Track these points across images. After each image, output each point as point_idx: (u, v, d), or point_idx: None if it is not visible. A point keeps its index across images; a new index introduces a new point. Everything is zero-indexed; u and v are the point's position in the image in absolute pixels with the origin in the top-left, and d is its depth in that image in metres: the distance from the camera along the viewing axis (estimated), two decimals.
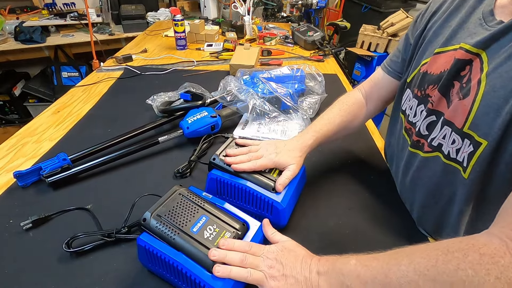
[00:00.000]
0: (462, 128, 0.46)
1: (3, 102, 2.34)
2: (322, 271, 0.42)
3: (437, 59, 0.53)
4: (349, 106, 0.72)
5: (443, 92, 0.51)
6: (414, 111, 0.58)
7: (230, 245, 0.45)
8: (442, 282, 0.33)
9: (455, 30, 0.51)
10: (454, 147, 0.48)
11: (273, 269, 0.43)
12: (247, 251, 0.45)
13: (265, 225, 0.52)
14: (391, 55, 0.70)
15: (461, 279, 0.32)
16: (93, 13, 2.29)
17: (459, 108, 0.47)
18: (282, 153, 0.61)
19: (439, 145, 0.52)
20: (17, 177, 0.66)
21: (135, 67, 1.30)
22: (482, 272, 0.31)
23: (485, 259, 0.32)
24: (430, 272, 0.34)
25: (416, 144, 0.57)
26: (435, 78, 0.53)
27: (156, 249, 0.45)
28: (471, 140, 0.45)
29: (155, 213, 0.47)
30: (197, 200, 0.50)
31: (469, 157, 0.46)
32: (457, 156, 0.48)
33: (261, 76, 0.98)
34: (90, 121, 0.93)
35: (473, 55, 0.46)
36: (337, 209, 0.64)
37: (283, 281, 0.42)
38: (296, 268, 0.43)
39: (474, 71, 0.46)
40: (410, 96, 0.60)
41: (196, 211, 0.49)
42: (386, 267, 0.38)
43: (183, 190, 0.51)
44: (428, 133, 0.54)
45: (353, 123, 0.72)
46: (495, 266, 0.31)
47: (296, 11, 2.14)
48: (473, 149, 0.45)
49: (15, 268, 0.51)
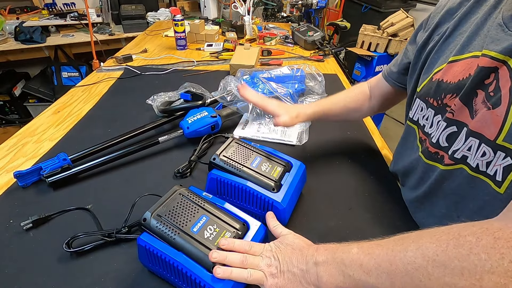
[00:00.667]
0: (495, 140, 0.44)
1: (3, 102, 2.34)
2: (321, 260, 0.41)
3: (452, 67, 0.51)
4: (356, 94, 0.76)
5: (465, 102, 0.48)
6: (431, 122, 0.56)
7: (230, 244, 0.45)
8: (452, 267, 0.32)
9: (470, 37, 0.49)
10: (484, 159, 0.46)
11: (271, 267, 0.43)
12: (247, 251, 0.45)
13: (269, 217, 0.52)
14: (392, 63, 0.72)
15: (473, 263, 0.31)
16: (93, 13, 2.29)
17: (489, 118, 0.44)
18: (281, 106, 0.67)
19: (463, 157, 0.49)
20: (17, 177, 0.66)
21: (135, 67, 1.30)
22: (496, 256, 0.30)
23: (500, 243, 0.31)
24: (439, 258, 0.33)
25: (433, 156, 0.55)
26: (453, 87, 0.50)
27: (157, 249, 0.45)
28: (507, 152, 0.43)
29: (155, 213, 0.47)
30: (197, 200, 0.50)
31: (505, 170, 0.43)
32: (487, 170, 0.46)
33: (261, 76, 0.98)
34: (90, 121, 0.93)
35: (499, 63, 0.43)
36: (337, 209, 0.64)
37: (281, 278, 0.42)
38: (292, 262, 0.43)
39: (502, 79, 0.43)
40: (423, 106, 0.58)
41: (196, 211, 0.49)
42: (391, 254, 0.36)
43: (183, 190, 0.51)
44: (448, 145, 0.51)
45: (356, 111, 0.76)
46: (510, 250, 0.30)
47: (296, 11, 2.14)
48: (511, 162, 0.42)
49: (15, 268, 0.51)
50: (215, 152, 0.62)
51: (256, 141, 0.83)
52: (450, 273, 0.32)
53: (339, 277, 0.39)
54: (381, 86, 0.73)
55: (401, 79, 0.68)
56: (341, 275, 0.39)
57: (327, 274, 0.40)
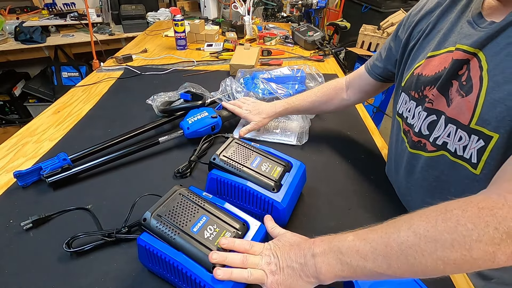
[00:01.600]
0: (468, 124, 0.47)
1: (3, 102, 2.34)
2: (318, 252, 0.41)
3: (430, 62, 0.56)
4: (327, 89, 0.84)
5: (442, 92, 0.53)
6: (413, 113, 0.60)
7: (231, 244, 0.45)
8: (443, 240, 0.34)
9: (446, 34, 0.54)
10: (461, 144, 0.50)
11: (271, 265, 0.43)
12: (248, 250, 0.45)
13: (266, 219, 0.53)
14: (374, 58, 0.76)
15: (461, 234, 0.33)
16: (93, 13, 2.29)
17: (463, 105, 0.48)
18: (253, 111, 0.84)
19: (444, 143, 0.53)
20: (17, 177, 0.66)
21: (135, 67, 1.30)
22: (481, 225, 0.32)
23: (484, 212, 0.33)
24: (430, 233, 0.35)
25: (417, 144, 0.58)
26: (430, 79, 0.55)
27: (157, 249, 0.45)
28: (479, 135, 0.46)
29: (155, 213, 0.47)
30: (197, 200, 0.50)
31: (478, 152, 0.47)
32: (464, 153, 0.49)
33: (261, 76, 0.98)
34: (90, 121, 0.93)
35: (470, 55, 0.48)
36: (337, 209, 0.64)
37: (281, 274, 0.42)
38: (290, 257, 0.43)
39: (473, 70, 0.48)
40: (406, 99, 0.62)
41: (196, 211, 0.49)
42: (385, 236, 0.38)
43: (183, 190, 0.51)
44: (429, 132, 0.55)
45: (327, 104, 0.83)
46: (494, 217, 0.32)
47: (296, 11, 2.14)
48: (484, 144, 0.46)
49: (15, 268, 0.51)
50: (215, 152, 0.62)
51: (256, 141, 0.83)
52: (441, 247, 0.34)
53: (337, 265, 0.40)
54: (363, 79, 0.78)
55: (385, 73, 0.73)
56: (338, 264, 0.40)
57: (325, 264, 0.40)
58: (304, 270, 0.41)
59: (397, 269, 0.36)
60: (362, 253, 0.38)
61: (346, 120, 0.95)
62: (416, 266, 0.35)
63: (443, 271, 0.35)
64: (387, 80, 0.74)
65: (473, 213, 0.34)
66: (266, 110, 0.83)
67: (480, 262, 0.33)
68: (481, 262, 0.33)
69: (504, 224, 0.32)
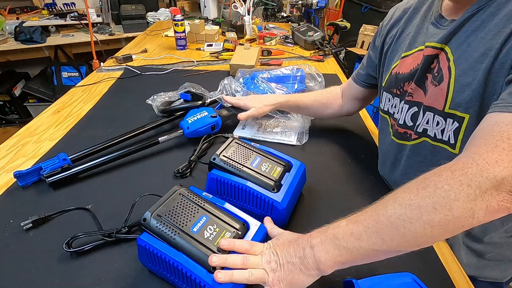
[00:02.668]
0: (443, 109, 0.54)
1: (3, 102, 2.34)
2: (315, 243, 0.42)
3: (404, 61, 0.63)
4: (327, 93, 0.88)
5: (418, 84, 0.59)
6: (398, 108, 0.66)
7: (231, 244, 0.45)
8: (425, 205, 0.37)
9: (414, 36, 0.62)
10: (439, 128, 0.56)
11: (271, 263, 0.44)
12: (248, 250, 0.45)
13: (266, 221, 0.54)
14: (359, 68, 0.83)
15: (440, 196, 0.36)
16: (93, 13, 2.29)
17: (437, 93, 0.55)
18: (253, 100, 0.83)
19: (424, 130, 0.59)
20: (17, 177, 0.66)
21: (135, 67, 1.30)
22: (456, 185, 0.36)
23: (456, 173, 0.37)
24: (413, 201, 0.38)
25: (403, 135, 0.64)
26: (407, 76, 0.62)
27: (157, 249, 0.45)
28: (454, 118, 0.53)
29: (155, 213, 0.47)
30: (197, 200, 0.50)
31: (454, 133, 0.54)
32: (443, 136, 0.56)
33: (261, 76, 0.98)
34: (90, 121, 0.93)
35: (438, 50, 0.56)
36: (337, 209, 0.64)
37: (281, 271, 0.43)
38: (289, 253, 0.44)
39: (442, 62, 0.55)
40: (389, 97, 0.68)
41: (196, 211, 0.49)
42: (375, 214, 0.40)
43: (183, 190, 0.51)
44: (413, 123, 0.61)
45: (326, 108, 0.86)
46: (465, 176, 0.36)
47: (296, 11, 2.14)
48: (458, 125, 0.53)
49: (15, 268, 0.51)
50: (215, 152, 0.62)
51: (256, 141, 0.83)
52: (426, 211, 0.37)
53: (334, 251, 0.41)
54: (352, 88, 0.84)
55: (369, 79, 0.79)
56: (336, 249, 0.41)
57: (323, 252, 0.41)
58: (304, 263, 0.42)
59: (391, 242, 0.38)
60: (356, 234, 0.40)
61: (346, 120, 0.95)
62: (407, 235, 0.38)
63: (431, 235, 0.37)
64: (372, 86, 0.80)
65: (447, 176, 0.37)
66: (267, 98, 0.85)
67: (462, 219, 0.36)
68: (463, 219, 0.36)
69: (475, 180, 0.35)
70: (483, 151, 0.37)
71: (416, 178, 0.40)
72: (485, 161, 0.36)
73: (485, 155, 0.37)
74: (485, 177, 0.35)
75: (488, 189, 0.35)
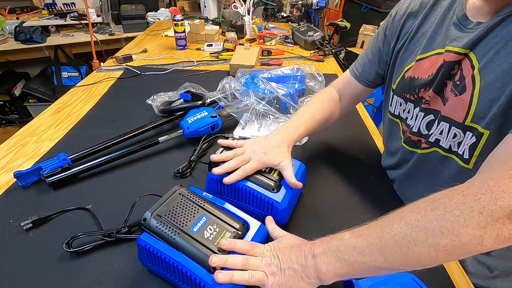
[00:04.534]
0: (463, 122, 0.50)
1: (3, 102, 2.34)
2: (318, 252, 0.42)
3: (420, 64, 0.58)
4: (327, 103, 0.74)
5: (437, 92, 0.55)
6: (412, 114, 0.62)
7: (231, 244, 0.45)
8: (432, 228, 0.35)
9: (432, 37, 0.56)
10: (455, 140, 0.52)
11: (271, 266, 0.43)
12: (249, 251, 0.45)
13: (267, 220, 0.54)
14: (361, 63, 0.73)
15: (449, 220, 0.35)
16: (93, 13, 2.29)
17: (457, 104, 0.51)
18: (270, 150, 0.59)
19: (436, 140, 0.56)
20: (17, 177, 0.66)
21: (135, 67, 1.30)
22: (466, 211, 0.34)
23: (468, 198, 0.35)
24: (420, 222, 0.36)
25: (415, 143, 0.61)
26: (424, 82, 0.57)
27: (157, 249, 0.45)
28: (473, 132, 0.49)
29: (155, 213, 0.47)
30: (197, 200, 0.50)
31: (470, 148, 0.50)
32: (458, 149, 0.53)
33: (261, 76, 0.98)
34: (90, 121, 0.93)
35: (462, 56, 0.50)
36: (337, 209, 0.64)
37: (282, 275, 0.42)
38: (291, 259, 0.43)
39: (465, 69, 0.50)
40: (401, 101, 0.64)
41: (196, 211, 0.48)
42: (380, 231, 0.39)
43: (183, 190, 0.51)
44: (428, 132, 0.58)
45: (331, 118, 0.75)
46: (477, 202, 0.34)
47: (296, 11, 2.14)
48: (476, 140, 0.49)
49: (15, 268, 0.51)
50: (215, 152, 0.62)
51: None
52: (432, 234, 0.35)
53: (336, 263, 0.40)
54: (353, 87, 0.74)
55: (378, 79, 0.71)
56: (338, 262, 0.40)
57: (325, 264, 0.41)
58: (305, 271, 0.42)
59: (393, 260, 0.37)
60: (359, 248, 0.39)
61: (346, 120, 0.95)
62: (410, 255, 0.36)
63: (435, 258, 0.36)
64: (378, 85, 0.73)
65: (459, 200, 0.35)
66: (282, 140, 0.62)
67: (469, 246, 0.34)
68: (470, 246, 0.34)
69: (487, 208, 0.33)
70: (500, 177, 0.35)
71: (426, 197, 0.39)
72: (501, 189, 0.34)
73: (501, 181, 0.35)
74: (499, 205, 0.33)
75: (501, 218, 0.33)
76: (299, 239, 0.48)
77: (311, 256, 0.42)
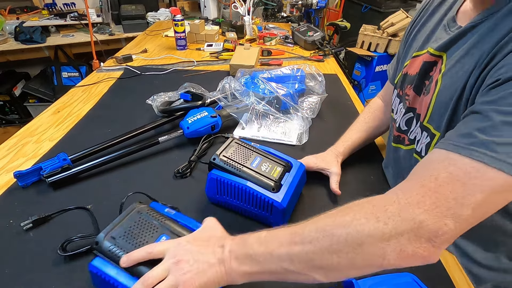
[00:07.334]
0: (423, 121, 0.53)
1: (3, 102, 2.34)
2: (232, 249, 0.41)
3: (414, 61, 0.59)
4: (372, 113, 0.78)
5: (416, 91, 0.57)
6: (397, 109, 0.64)
7: (129, 260, 0.41)
8: (339, 235, 0.35)
9: (428, 36, 0.57)
10: (417, 138, 0.55)
11: (181, 264, 0.40)
12: (145, 257, 0.42)
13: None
14: (392, 64, 0.74)
15: (355, 229, 0.35)
16: (93, 13, 2.29)
17: (423, 103, 0.53)
18: (321, 158, 0.69)
19: (415, 138, 0.57)
20: (17, 177, 0.66)
21: (135, 67, 1.30)
22: (373, 220, 0.34)
23: (377, 208, 0.35)
24: (329, 227, 0.36)
25: (397, 139, 0.63)
26: (410, 79, 0.59)
27: (109, 276, 0.41)
28: (428, 132, 0.51)
29: (109, 235, 0.44)
30: (157, 217, 0.47)
31: (426, 148, 0.52)
32: (416, 147, 0.55)
33: (261, 76, 0.98)
34: (90, 121, 0.93)
35: (437, 57, 0.51)
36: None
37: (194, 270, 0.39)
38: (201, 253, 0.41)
39: (436, 71, 0.51)
40: (395, 97, 0.66)
41: (155, 231, 0.45)
42: (293, 231, 0.39)
43: (142, 208, 0.49)
44: (407, 128, 0.60)
45: (381, 126, 0.77)
46: (384, 213, 0.34)
47: (296, 11, 2.14)
48: (430, 140, 0.51)
49: (15, 268, 0.51)
50: (215, 152, 0.62)
51: (256, 141, 0.83)
52: (337, 241, 0.35)
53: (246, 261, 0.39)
54: (391, 92, 0.73)
55: None
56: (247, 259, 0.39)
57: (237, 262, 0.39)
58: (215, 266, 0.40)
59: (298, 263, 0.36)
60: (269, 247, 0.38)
61: (346, 120, 0.95)
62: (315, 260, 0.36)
63: (337, 266, 0.35)
64: None
65: (368, 209, 0.36)
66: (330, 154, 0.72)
67: (370, 257, 0.34)
68: (371, 257, 0.34)
69: (393, 219, 0.33)
70: (409, 188, 0.35)
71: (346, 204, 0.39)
72: (407, 201, 0.34)
73: (408, 193, 0.35)
74: (402, 217, 0.33)
75: (406, 232, 0.33)
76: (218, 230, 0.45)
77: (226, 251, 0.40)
